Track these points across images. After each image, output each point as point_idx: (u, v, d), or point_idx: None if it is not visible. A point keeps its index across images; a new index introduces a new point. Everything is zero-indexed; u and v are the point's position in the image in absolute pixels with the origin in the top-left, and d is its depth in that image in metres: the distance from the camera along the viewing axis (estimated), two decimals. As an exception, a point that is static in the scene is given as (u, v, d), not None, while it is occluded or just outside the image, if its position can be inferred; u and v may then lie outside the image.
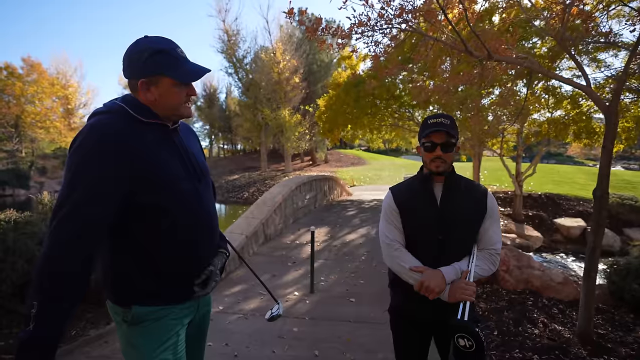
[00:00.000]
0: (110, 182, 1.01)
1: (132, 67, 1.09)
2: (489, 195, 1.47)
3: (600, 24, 4.19)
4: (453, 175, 1.46)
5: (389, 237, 1.49)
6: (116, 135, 1.03)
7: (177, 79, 1.09)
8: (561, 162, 34.77)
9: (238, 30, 27.60)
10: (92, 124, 1.05)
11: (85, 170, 0.99)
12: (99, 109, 1.12)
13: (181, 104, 1.14)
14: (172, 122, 1.18)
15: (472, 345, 1.18)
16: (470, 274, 1.36)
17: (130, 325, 1.11)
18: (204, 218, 1.22)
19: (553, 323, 3.46)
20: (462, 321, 1.23)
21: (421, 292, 1.34)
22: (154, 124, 1.12)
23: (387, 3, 3.23)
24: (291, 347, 2.89)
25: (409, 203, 1.48)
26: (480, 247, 1.44)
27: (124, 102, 1.11)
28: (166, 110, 1.13)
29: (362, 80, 9.99)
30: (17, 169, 24.89)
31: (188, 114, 1.18)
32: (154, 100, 1.10)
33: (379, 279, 4.49)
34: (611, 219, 10.34)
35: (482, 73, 4.01)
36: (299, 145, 25.84)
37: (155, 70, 1.07)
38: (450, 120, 1.41)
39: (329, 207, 10.73)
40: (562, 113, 9.01)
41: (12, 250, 2.87)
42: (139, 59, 1.07)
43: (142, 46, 1.07)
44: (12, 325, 2.86)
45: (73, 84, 31.11)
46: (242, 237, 5.30)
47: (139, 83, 1.08)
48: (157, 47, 1.07)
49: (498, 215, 1.48)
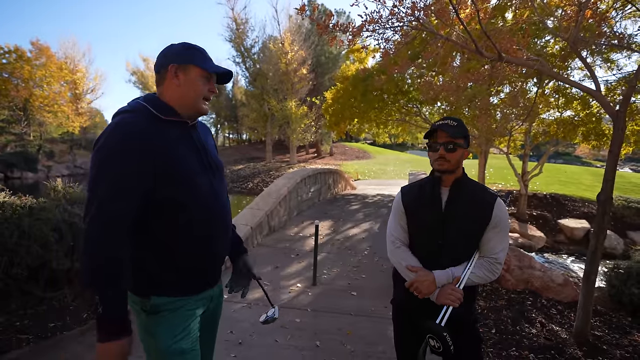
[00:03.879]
0: (133, 178, 1.07)
1: (166, 57, 1.19)
2: (496, 205, 1.43)
3: (614, 25, 4.14)
4: (462, 180, 1.48)
5: (393, 234, 1.57)
6: (141, 134, 1.09)
7: (205, 68, 1.20)
8: (569, 162, 34.44)
9: (247, 18, 27.43)
10: (117, 122, 1.11)
11: (109, 167, 1.05)
12: (123, 108, 1.19)
13: (201, 98, 1.21)
14: (191, 120, 1.25)
15: (440, 347, 1.29)
16: (462, 281, 1.40)
17: (149, 314, 1.18)
18: (218, 214, 1.28)
19: (551, 323, 3.52)
20: (434, 324, 1.33)
21: (411, 290, 1.44)
22: (174, 122, 1.19)
23: (400, 1, 3.22)
24: (293, 337, 2.98)
25: (416, 204, 1.52)
26: (481, 254, 1.47)
27: (145, 101, 1.18)
28: (187, 102, 1.20)
29: (370, 75, 9.94)
30: (26, 152, 25.21)
31: (205, 111, 1.25)
32: (178, 88, 1.18)
33: (381, 274, 4.56)
34: (616, 221, 10.31)
35: (492, 73, 4.00)
36: (305, 137, 25.84)
37: (187, 59, 1.19)
38: (457, 122, 1.43)
39: (332, 200, 10.80)
40: (571, 113, 8.92)
41: (27, 234, 2.97)
42: (174, 50, 1.20)
43: (178, 44, 1.23)
44: (27, 306, 2.98)
45: (81, 68, 31.25)
46: (247, 228, 5.39)
47: (169, 67, 1.17)
48: (191, 45, 1.23)
49: (506, 225, 1.44)
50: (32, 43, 27.25)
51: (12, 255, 2.90)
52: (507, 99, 7.82)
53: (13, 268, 2.89)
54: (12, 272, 2.89)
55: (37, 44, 27.33)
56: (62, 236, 3.33)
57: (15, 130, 27.53)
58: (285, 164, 25.86)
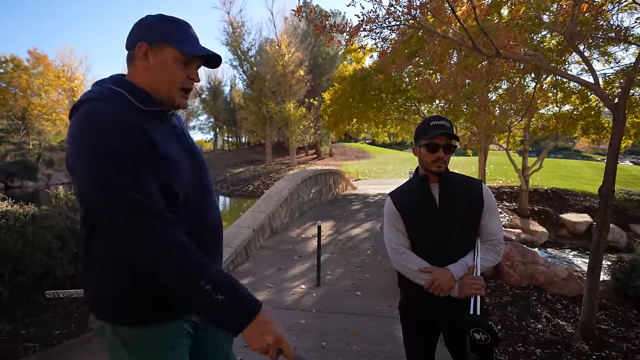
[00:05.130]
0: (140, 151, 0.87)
1: (136, 33, 0.96)
2: (484, 188, 1.51)
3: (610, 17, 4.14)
4: (447, 174, 1.50)
5: (393, 241, 1.53)
6: (127, 124, 0.87)
7: (181, 49, 0.95)
8: (569, 156, 34.41)
9: (243, 22, 27.49)
10: (91, 111, 0.87)
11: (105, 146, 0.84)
12: (88, 94, 0.93)
13: (177, 87, 0.98)
14: (169, 109, 1.04)
15: (488, 338, 1.23)
16: (477, 268, 1.41)
17: (131, 349, 0.99)
18: (211, 223, 1.09)
19: (556, 318, 3.52)
20: (476, 316, 1.29)
21: (431, 290, 1.39)
22: (154, 112, 0.97)
23: (397, 1, 3.24)
24: (299, 339, 2.98)
25: (409, 206, 1.52)
26: (483, 239, 1.49)
27: (119, 86, 0.94)
28: (158, 91, 0.97)
29: (368, 74, 9.97)
30: (25, 161, 25.23)
31: (182, 104, 1.01)
32: (147, 70, 0.95)
33: (384, 274, 4.56)
34: (618, 214, 10.30)
35: (490, 69, 4.01)
36: (304, 138, 25.85)
37: (160, 36, 0.94)
38: (450, 123, 1.47)
39: (334, 201, 10.80)
40: (570, 108, 8.94)
41: (31, 242, 2.97)
42: (147, 23, 0.96)
43: (155, 14, 0.99)
44: (33, 314, 2.98)
45: (79, 76, 31.33)
46: (249, 231, 5.39)
47: (137, 46, 0.94)
48: (169, 17, 0.98)
49: (495, 205, 1.51)
50: (30, 52, 27.38)
51: (17, 263, 2.90)
52: (505, 95, 7.83)
53: (18, 276, 2.89)
54: (17, 281, 2.90)
55: (34, 52, 27.44)
56: (65, 243, 3.33)
57: (15, 139, 27.60)
58: (285, 165, 25.87)
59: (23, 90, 26.35)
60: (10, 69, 26.05)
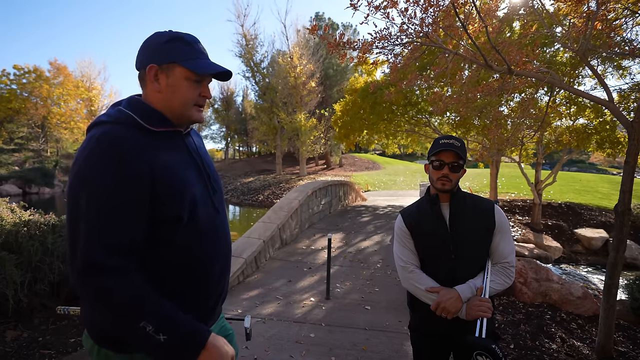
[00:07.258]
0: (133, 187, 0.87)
1: (146, 53, 0.98)
2: (496, 209, 1.49)
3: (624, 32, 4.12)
4: (458, 194, 1.50)
5: (403, 259, 1.54)
6: (131, 149, 0.88)
7: (191, 68, 0.96)
8: (583, 169, 33.75)
9: (256, 34, 28.03)
10: (98, 137, 0.88)
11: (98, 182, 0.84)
12: (101, 118, 0.95)
13: (190, 103, 1.00)
14: (184, 128, 1.05)
15: None
16: (486, 290, 1.40)
17: None
18: (220, 237, 1.08)
19: (571, 338, 3.43)
20: (480, 338, 1.29)
21: (438, 313, 1.39)
22: (166, 133, 0.99)
23: (409, 19, 3.30)
24: (308, 353, 2.98)
25: (419, 225, 1.53)
26: (494, 261, 1.48)
27: (130, 108, 0.96)
28: (172, 111, 0.99)
29: (379, 89, 10.04)
30: (43, 168, 25.99)
31: (199, 118, 1.03)
32: (159, 93, 0.97)
33: (394, 288, 4.52)
34: (635, 230, 10.02)
35: (503, 85, 4.02)
36: (314, 149, 26.02)
37: (168, 57, 0.96)
38: (460, 143, 1.47)
39: (343, 212, 10.79)
40: (584, 121, 8.82)
41: (50, 251, 3.07)
42: (155, 44, 0.97)
43: (162, 33, 0.99)
44: (49, 321, 3.06)
45: (97, 86, 32.34)
46: (260, 242, 5.43)
47: (147, 68, 0.96)
48: (177, 35, 0.99)
49: (508, 227, 1.50)
50: (51, 63, 28.52)
51: (36, 271, 2.99)
52: (517, 108, 7.78)
53: (36, 284, 2.98)
54: (36, 288, 2.98)
55: (55, 63, 28.54)
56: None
57: (34, 146, 28.52)
58: (295, 175, 26.01)
59: (44, 100, 27.36)
60: (33, 79, 27.11)
